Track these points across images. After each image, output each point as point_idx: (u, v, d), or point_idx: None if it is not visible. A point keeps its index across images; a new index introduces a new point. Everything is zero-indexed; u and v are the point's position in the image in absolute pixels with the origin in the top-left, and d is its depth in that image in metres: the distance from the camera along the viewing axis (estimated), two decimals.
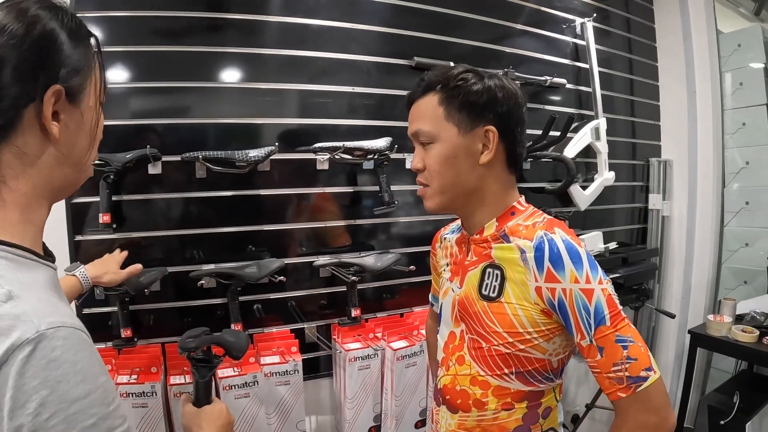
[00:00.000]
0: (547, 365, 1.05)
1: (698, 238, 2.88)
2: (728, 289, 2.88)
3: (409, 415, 1.89)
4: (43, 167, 0.69)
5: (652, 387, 0.93)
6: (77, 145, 0.72)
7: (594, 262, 0.98)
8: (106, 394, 0.61)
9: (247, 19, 1.72)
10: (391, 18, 1.96)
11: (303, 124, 1.82)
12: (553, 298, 0.98)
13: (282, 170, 1.78)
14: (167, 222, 1.67)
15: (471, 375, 1.10)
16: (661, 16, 2.92)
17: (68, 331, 0.59)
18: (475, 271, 1.11)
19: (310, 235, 1.86)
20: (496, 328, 1.04)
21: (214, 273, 1.66)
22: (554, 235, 0.99)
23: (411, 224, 2.06)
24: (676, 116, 2.92)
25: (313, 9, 1.81)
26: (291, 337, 1.78)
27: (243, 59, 1.73)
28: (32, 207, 0.70)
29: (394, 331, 1.90)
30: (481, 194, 1.10)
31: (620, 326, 0.94)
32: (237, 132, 1.73)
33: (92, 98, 0.73)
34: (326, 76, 1.85)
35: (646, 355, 0.94)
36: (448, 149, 1.06)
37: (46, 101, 0.66)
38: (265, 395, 1.64)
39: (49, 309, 0.60)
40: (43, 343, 0.56)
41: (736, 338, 2.22)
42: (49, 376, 0.55)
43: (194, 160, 1.61)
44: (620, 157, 2.74)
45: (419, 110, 1.10)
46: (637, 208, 2.94)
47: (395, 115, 1.96)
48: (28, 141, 0.67)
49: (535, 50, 2.36)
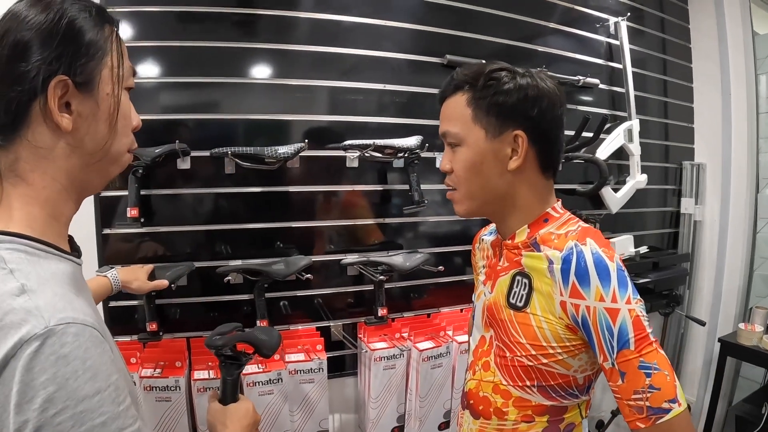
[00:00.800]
0: (571, 381, 1.01)
1: (730, 244, 2.81)
2: (760, 297, 2.81)
3: (433, 417, 1.87)
4: (59, 160, 0.69)
5: (675, 420, 0.87)
6: (94, 135, 0.70)
7: (625, 278, 0.92)
8: (117, 393, 0.60)
9: (277, 15, 1.71)
10: (422, 15, 1.94)
11: (332, 121, 1.81)
12: (577, 315, 0.93)
13: (311, 167, 1.77)
14: (195, 217, 1.67)
15: (494, 382, 1.07)
16: (696, 17, 2.85)
17: (79, 327, 0.58)
18: (506, 278, 1.07)
19: (338, 232, 1.85)
20: (520, 338, 1.01)
21: (242, 269, 1.65)
22: (584, 247, 0.94)
23: (439, 224, 2.04)
24: (710, 119, 2.84)
25: (344, 5, 1.80)
26: (317, 335, 1.77)
27: (273, 55, 1.72)
28: (55, 202, 0.70)
29: (421, 332, 1.88)
30: (512, 200, 1.05)
31: (645, 351, 0.88)
32: (266, 128, 1.72)
33: (109, 85, 0.71)
34: (356, 72, 1.83)
35: (671, 384, 0.88)
36: (474, 154, 1.01)
37: (50, 94, 0.65)
38: (290, 392, 1.63)
39: (62, 304, 0.60)
40: (52, 338, 0.56)
41: (766, 348, 2.15)
42: (57, 372, 0.55)
43: (223, 156, 1.60)
44: (652, 160, 2.68)
45: (448, 110, 1.05)
46: (668, 212, 2.88)
47: (425, 112, 1.93)
48: (39, 134, 0.66)
49: (568, 49, 2.32)
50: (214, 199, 1.68)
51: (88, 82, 0.68)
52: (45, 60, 0.64)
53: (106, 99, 0.71)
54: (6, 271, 0.60)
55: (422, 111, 1.93)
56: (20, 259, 0.63)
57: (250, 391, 1.56)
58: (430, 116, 1.92)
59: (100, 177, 0.75)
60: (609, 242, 0.98)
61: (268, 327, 1.36)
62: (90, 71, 0.68)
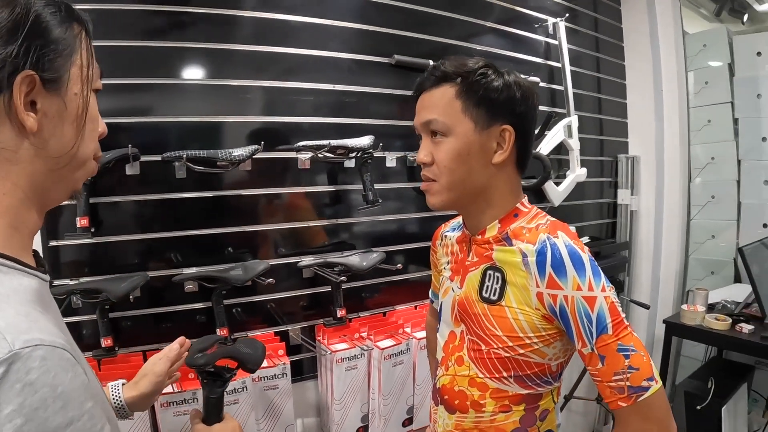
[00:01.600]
0: (546, 369, 1.05)
1: (666, 232, 2.97)
2: (696, 280, 2.98)
3: (396, 414, 1.89)
4: (22, 163, 0.63)
5: (654, 397, 0.92)
6: (60, 138, 0.65)
7: (597, 268, 0.97)
8: (92, 423, 0.54)
9: (223, 14, 1.67)
10: (366, 14, 1.93)
11: (280, 122, 1.77)
12: (554, 305, 0.96)
13: (263, 170, 1.74)
14: (146, 224, 1.61)
15: (470, 376, 1.09)
16: (629, 17, 3.00)
17: (47, 350, 0.52)
18: (476, 273, 1.09)
19: (292, 235, 1.83)
20: (496, 331, 1.03)
21: (199, 276, 1.61)
22: (557, 240, 0.98)
23: (392, 222, 2.05)
24: (643, 114, 3.00)
25: (290, 6, 1.77)
26: (276, 340, 1.75)
27: (215, 55, 1.67)
28: (16, 210, 0.64)
29: (380, 331, 1.89)
30: (489, 194, 1.08)
31: (622, 335, 0.93)
32: (210, 131, 1.68)
33: (77, 85, 0.66)
34: (304, 72, 1.82)
35: (648, 364, 0.93)
36: (461, 144, 1.03)
37: (16, 90, 0.59)
38: (255, 400, 1.60)
39: (26, 324, 0.54)
40: (17, 364, 0.50)
41: (709, 326, 2.30)
42: (24, 402, 0.49)
43: (176, 160, 1.55)
44: (589, 154, 2.79)
45: (432, 100, 1.05)
46: (606, 204, 3.01)
47: (374, 112, 1.95)
48: (1, 134, 0.61)
49: (509, 48, 2.38)
50: (164, 205, 1.62)
51: (56, 79, 0.64)
52: (10, 54, 0.59)
53: (74, 99, 0.66)
54: None
55: (371, 111, 1.94)
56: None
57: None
58: (378, 116, 1.96)
59: (65, 185, 0.70)
60: (577, 234, 1.03)
61: (251, 339, 1.30)
62: (58, 68, 0.64)
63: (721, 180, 2.95)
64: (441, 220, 1.40)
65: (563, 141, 2.48)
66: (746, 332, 2.20)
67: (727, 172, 2.92)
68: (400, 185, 2.05)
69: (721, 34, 2.92)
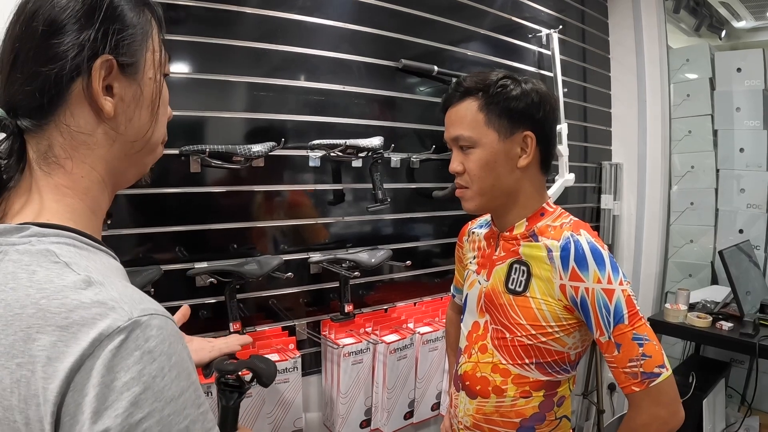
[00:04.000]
0: (565, 357, 1.13)
1: (646, 236, 3.10)
2: (674, 282, 3.11)
3: (399, 407, 1.94)
4: (97, 147, 0.63)
5: (664, 383, 1.01)
6: (136, 121, 0.65)
7: (615, 264, 1.05)
8: (197, 394, 0.53)
9: (263, 15, 1.71)
10: (368, 17, 1.97)
11: (290, 120, 1.80)
12: (576, 296, 1.04)
13: (275, 167, 1.77)
14: (160, 218, 1.61)
15: (493, 363, 1.16)
16: (616, 30, 3.12)
17: (162, 319, 0.52)
18: (503, 266, 1.17)
19: (302, 231, 1.86)
20: (520, 320, 1.11)
21: (213, 270, 1.62)
22: (580, 237, 1.07)
23: (396, 221, 2.11)
24: (627, 123, 3.13)
25: (307, 7, 1.80)
26: (285, 335, 1.78)
27: (248, 54, 1.70)
28: (92, 193, 0.64)
29: (385, 326, 1.94)
30: (517, 196, 1.16)
31: (637, 325, 1.02)
32: (223, 126, 1.69)
33: (151, 69, 0.66)
34: (315, 73, 1.85)
35: (659, 353, 1.02)
36: (488, 154, 1.11)
37: (95, 74, 0.59)
38: (267, 394, 1.63)
39: (138, 295, 0.53)
40: (137, 332, 0.49)
41: (692, 324, 2.42)
42: (143, 370, 0.48)
43: (196, 154, 1.56)
44: (574, 160, 2.88)
45: (458, 115, 1.14)
46: (589, 208, 3.13)
47: (383, 115, 2.00)
48: (79, 118, 0.60)
49: (503, 56, 2.46)
50: (179, 199, 1.63)
51: (133, 64, 0.63)
52: (88, 38, 0.59)
53: (149, 84, 0.66)
54: (61, 265, 0.53)
55: (379, 113, 1.99)
56: (71, 252, 0.55)
57: None
58: (384, 118, 2.01)
59: (137, 168, 0.70)
60: (597, 233, 1.12)
61: (263, 356, 1.32)
62: (134, 53, 0.63)
63: (699, 188, 3.08)
64: (446, 221, 1.46)
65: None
66: (726, 329, 2.33)
67: (706, 180, 3.06)
68: (404, 185, 2.11)
69: (704, 49, 3.06)
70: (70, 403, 0.47)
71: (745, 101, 2.95)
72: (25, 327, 0.49)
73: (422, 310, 2.11)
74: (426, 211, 2.17)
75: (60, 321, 0.48)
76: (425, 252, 2.22)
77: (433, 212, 2.19)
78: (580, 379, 2.85)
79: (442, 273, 2.24)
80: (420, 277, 2.18)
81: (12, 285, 0.52)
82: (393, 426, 1.94)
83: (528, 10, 2.59)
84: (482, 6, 2.34)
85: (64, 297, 0.50)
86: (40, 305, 0.49)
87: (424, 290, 2.22)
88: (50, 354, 0.48)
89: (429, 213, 2.18)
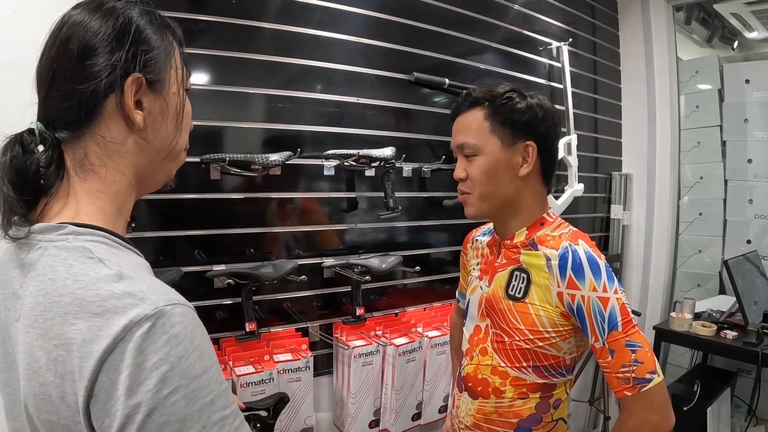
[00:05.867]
0: (561, 362, 1.18)
1: (655, 245, 3.14)
2: (683, 292, 3.13)
3: (407, 409, 2.00)
4: (128, 155, 0.70)
5: (656, 388, 1.05)
6: (163, 132, 0.73)
7: (611, 273, 1.11)
8: (218, 373, 0.61)
9: (281, 30, 1.78)
10: (381, 31, 2.03)
11: (310, 131, 1.87)
12: (572, 303, 1.10)
13: (291, 175, 1.84)
14: (180, 222, 1.68)
15: (492, 365, 1.22)
16: (626, 43, 3.17)
17: (184, 308, 0.59)
18: (504, 273, 1.23)
19: (315, 237, 1.93)
20: (519, 325, 1.16)
21: (231, 273, 1.70)
22: (578, 247, 1.12)
23: (406, 229, 2.17)
24: (637, 134, 3.17)
25: (322, 22, 1.88)
26: (298, 336, 1.85)
27: (266, 67, 1.77)
28: (123, 197, 0.71)
29: (394, 329, 2.00)
30: (517, 204, 1.21)
31: (630, 332, 1.06)
32: (239, 136, 1.77)
33: (175, 85, 0.74)
34: (331, 86, 1.92)
35: (651, 359, 1.06)
36: (491, 161, 1.17)
37: (127, 90, 0.67)
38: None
39: (163, 288, 0.61)
40: (162, 319, 0.56)
41: (696, 332, 2.45)
42: (170, 352, 0.55)
43: (216, 162, 1.64)
44: (584, 171, 2.93)
45: (465, 123, 1.20)
46: (599, 218, 3.16)
47: (394, 125, 2.07)
48: (111, 130, 0.68)
49: (513, 69, 2.51)
50: (199, 205, 1.69)
51: (159, 80, 0.71)
52: (120, 58, 0.66)
53: (173, 98, 0.73)
54: (95, 260, 0.60)
55: (393, 124, 2.06)
56: (104, 249, 0.62)
57: (243, 392, 1.61)
58: (398, 129, 2.08)
59: (163, 174, 0.77)
60: (595, 244, 1.17)
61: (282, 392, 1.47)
62: (160, 70, 0.71)
63: (708, 198, 3.11)
64: (456, 229, 1.52)
65: (563, 158, 2.62)
66: (730, 338, 2.35)
67: (715, 191, 3.08)
68: (415, 194, 2.18)
69: (713, 61, 3.09)
70: (105, 381, 0.54)
71: (754, 112, 2.97)
72: (62, 313, 0.57)
73: (432, 315, 2.18)
74: (436, 220, 2.24)
75: (95, 309, 0.56)
76: (435, 259, 2.28)
77: (443, 220, 2.25)
78: (587, 386, 2.89)
79: (452, 279, 2.29)
80: (430, 283, 2.24)
81: (51, 276, 0.59)
82: (401, 427, 2.00)
83: (538, 24, 2.65)
84: (493, 20, 2.41)
85: (99, 288, 0.57)
86: (76, 294, 0.57)
87: (435, 296, 2.28)
88: (86, 337, 0.55)
89: (439, 221, 2.24)
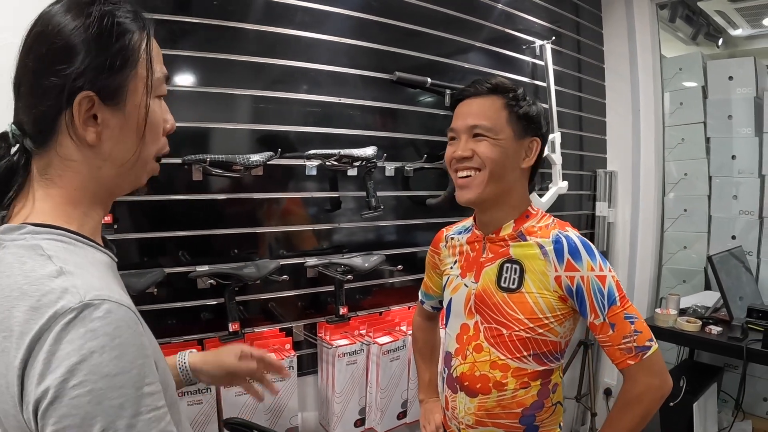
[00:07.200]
0: (557, 346, 1.23)
1: (641, 242, 3.15)
2: (668, 288, 3.15)
3: (392, 407, 2.00)
4: (86, 169, 0.70)
5: (655, 354, 1.14)
6: (122, 145, 0.71)
7: (602, 255, 1.18)
8: (140, 378, 0.59)
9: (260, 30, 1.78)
10: (363, 31, 2.03)
11: (289, 131, 1.88)
12: (571, 285, 1.16)
13: (273, 175, 1.84)
14: (163, 223, 1.68)
15: (491, 360, 1.25)
16: (610, 40, 3.19)
17: (113, 305, 0.59)
18: (492, 267, 1.26)
19: (297, 237, 1.93)
20: (517, 315, 1.21)
21: (214, 273, 1.70)
22: (569, 233, 1.19)
23: (388, 227, 2.18)
24: (621, 131, 3.18)
25: (302, 22, 1.87)
26: (282, 335, 1.85)
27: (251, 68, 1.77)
28: (88, 203, 0.72)
29: (378, 328, 2.00)
30: (512, 194, 1.26)
31: (627, 306, 1.14)
32: (222, 137, 1.76)
33: (139, 95, 0.70)
34: (313, 86, 1.92)
35: (647, 328, 1.15)
36: (502, 147, 1.20)
37: (76, 109, 0.65)
38: (264, 392, 1.69)
39: (100, 284, 0.61)
40: (85, 312, 0.57)
41: (681, 328, 2.47)
42: (84, 345, 0.55)
43: (197, 163, 1.63)
44: (569, 168, 2.92)
45: (481, 107, 1.22)
46: (584, 215, 3.18)
47: (376, 125, 2.08)
48: (66, 147, 0.68)
49: (496, 67, 2.51)
50: (181, 206, 1.69)
51: (115, 95, 0.68)
52: (70, 76, 0.64)
53: (134, 110, 0.70)
54: (45, 257, 0.62)
55: (377, 123, 2.07)
56: (57, 247, 0.64)
57: (226, 393, 1.61)
58: (385, 128, 2.08)
59: (129, 182, 0.76)
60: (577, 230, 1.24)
61: None
62: (117, 85, 0.68)
63: (693, 195, 3.13)
64: (439, 227, 1.53)
65: (547, 156, 2.63)
66: (715, 333, 2.38)
67: (699, 187, 3.11)
68: (398, 193, 2.18)
69: (696, 58, 3.12)
70: (29, 369, 0.56)
71: (738, 109, 3.00)
72: (9, 306, 0.59)
73: None
74: (419, 218, 2.24)
75: (33, 303, 0.58)
76: (419, 257, 2.28)
77: (426, 219, 2.26)
78: (573, 382, 2.90)
79: None
80: (414, 281, 2.24)
81: (7, 273, 0.62)
82: (386, 425, 2.00)
83: (522, 22, 2.66)
84: (476, 19, 2.42)
85: (41, 284, 0.59)
86: (23, 289, 0.59)
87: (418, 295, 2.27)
88: (22, 329, 0.57)
89: (422, 220, 2.25)
